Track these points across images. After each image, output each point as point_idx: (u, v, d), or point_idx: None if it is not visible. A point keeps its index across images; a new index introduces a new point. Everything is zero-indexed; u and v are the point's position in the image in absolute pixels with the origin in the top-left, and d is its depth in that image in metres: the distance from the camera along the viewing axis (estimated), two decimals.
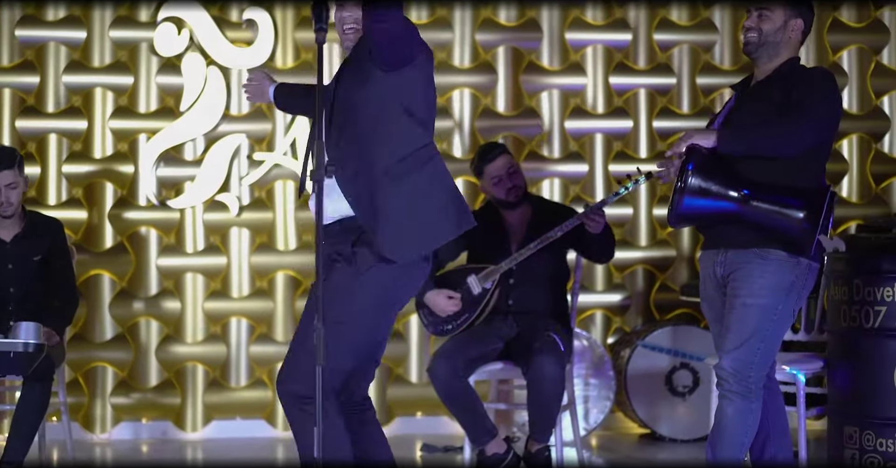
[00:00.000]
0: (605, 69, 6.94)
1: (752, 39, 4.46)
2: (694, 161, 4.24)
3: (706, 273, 4.50)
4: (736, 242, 4.35)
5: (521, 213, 5.88)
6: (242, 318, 6.66)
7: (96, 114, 6.61)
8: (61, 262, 5.61)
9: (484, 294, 5.70)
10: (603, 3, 6.95)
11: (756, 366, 4.31)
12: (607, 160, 6.92)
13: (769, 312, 4.30)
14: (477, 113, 6.84)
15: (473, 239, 5.84)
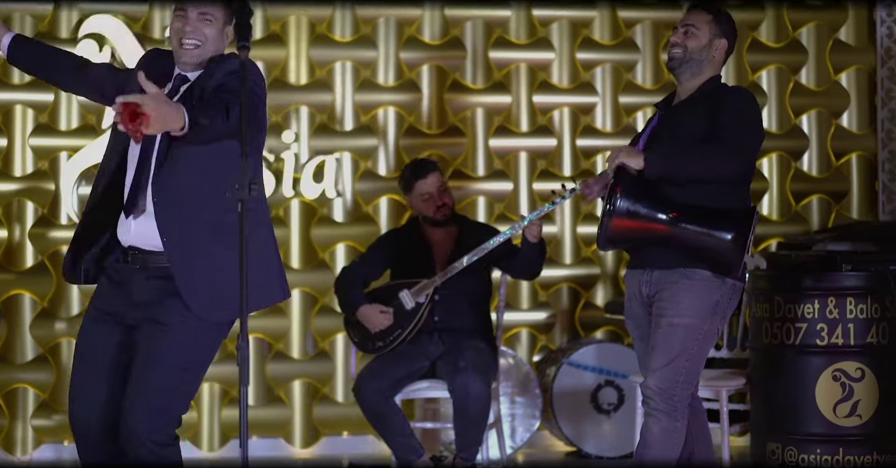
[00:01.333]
0: (528, 87, 6.98)
1: (676, 55, 4.49)
2: (622, 184, 4.26)
3: (632, 291, 4.54)
4: (662, 262, 4.39)
5: (447, 231, 5.90)
6: None
7: (16, 131, 6.52)
8: None
9: (417, 308, 5.70)
10: (526, 22, 6.99)
11: (681, 384, 4.34)
12: (531, 178, 6.95)
13: (694, 332, 4.34)
14: (402, 131, 6.85)
15: (397, 256, 5.86)
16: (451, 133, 6.90)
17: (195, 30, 3.84)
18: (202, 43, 3.85)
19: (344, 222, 6.77)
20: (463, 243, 5.83)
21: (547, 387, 6.50)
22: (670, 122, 4.49)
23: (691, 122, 4.41)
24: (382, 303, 5.72)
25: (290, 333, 6.69)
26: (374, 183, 6.82)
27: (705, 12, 4.53)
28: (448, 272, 5.65)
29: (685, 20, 4.53)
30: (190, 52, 3.85)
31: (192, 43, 3.84)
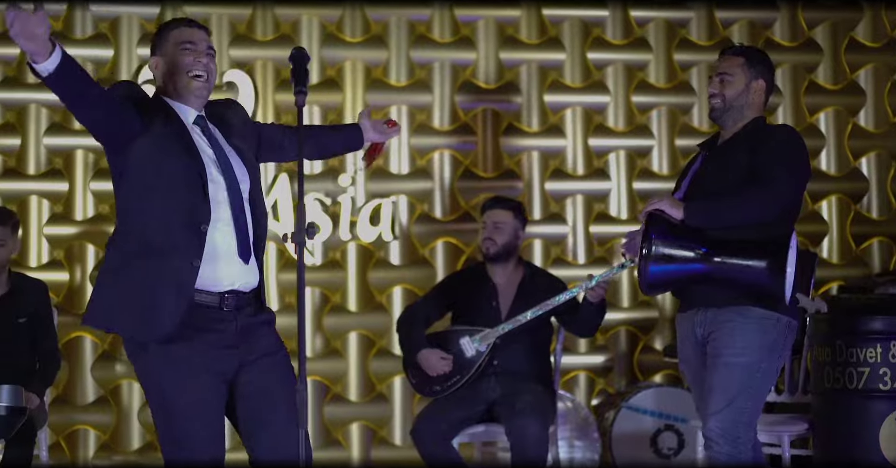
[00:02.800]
0: (584, 130, 6.99)
1: (716, 106, 4.48)
2: (655, 229, 4.26)
3: (684, 334, 4.50)
4: (713, 301, 4.36)
5: (511, 274, 5.88)
6: None
7: (77, 175, 6.61)
8: (44, 324, 5.58)
9: (477, 357, 5.68)
10: (581, 66, 7.01)
11: (744, 425, 4.30)
12: (588, 221, 6.94)
13: (753, 370, 4.30)
14: (457, 174, 6.87)
15: (460, 298, 5.85)
16: (506, 176, 6.92)
17: (208, 64, 3.77)
18: (210, 78, 3.78)
19: (400, 265, 6.79)
20: (526, 289, 5.82)
21: (606, 431, 6.46)
22: (713, 165, 4.47)
23: (734, 165, 4.38)
24: (443, 348, 5.71)
25: (348, 376, 6.70)
26: (431, 226, 6.84)
27: (736, 56, 4.50)
28: (511, 324, 5.63)
29: (718, 69, 4.50)
30: (204, 85, 3.76)
31: (204, 76, 3.75)
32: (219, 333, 3.69)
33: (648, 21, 7.12)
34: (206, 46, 3.78)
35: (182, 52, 3.74)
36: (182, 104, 3.77)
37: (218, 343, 3.69)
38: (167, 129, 3.70)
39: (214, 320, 3.69)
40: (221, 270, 3.69)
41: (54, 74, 3.41)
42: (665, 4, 7.13)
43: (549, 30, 7.02)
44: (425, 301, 5.97)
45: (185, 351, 3.65)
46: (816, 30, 7.20)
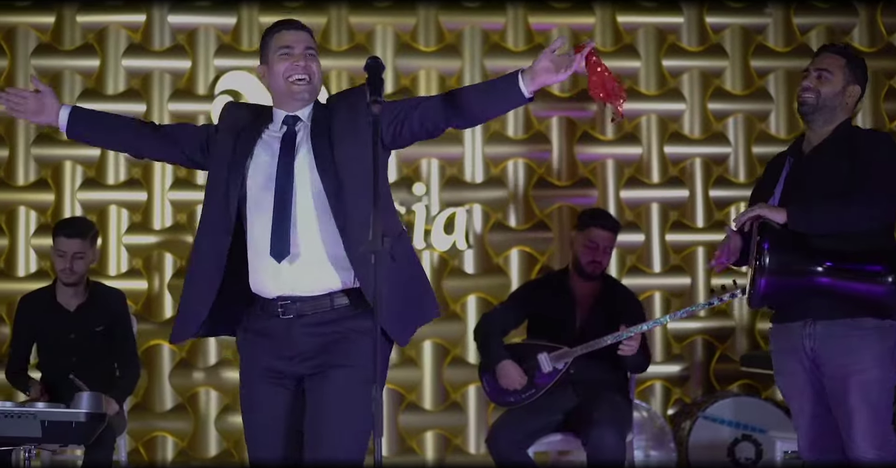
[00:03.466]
0: (659, 138, 6.95)
1: (808, 100, 4.34)
2: (768, 239, 4.12)
3: (786, 346, 4.31)
4: (824, 313, 4.20)
5: (592, 287, 5.86)
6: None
7: (155, 185, 6.69)
8: (123, 332, 5.67)
9: (553, 374, 5.67)
10: (657, 73, 6.97)
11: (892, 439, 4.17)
12: (664, 230, 6.90)
13: (886, 382, 4.18)
14: (531, 183, 6.86)
15: (538, 307, 5.84)
16: (581, 185, 6.89)
17: (306, 66, 3.76)
18: (311, 78, 3.77)
19: (475, 274, 6.79)
20: (605, 303, 5.79)
21: (682, 440, 6.40)
22: (806, 170, 4.33)
23: (830, 170, 4.25)
24: (519, 360, 5.70)
25: (423, 384, 6.71)
26: (505, 234, 6.83)
27: (840, 56, 4.37)
28: (590, 346, 5.60)
29: (818, 64, 4.36)
30: (304, 87, 3.75)
31: (304, 79, 3.75)
32: (270, 338, 3.71)
33: (724, 27, 7.06)
34: (304, 48, 3.78)
35: (280, 57, 3.77)
36: (280, 110, 3.80)
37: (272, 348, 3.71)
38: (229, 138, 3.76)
39: (268, 327, 3.71)
40: (263, 275, 3.69)
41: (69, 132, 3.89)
42: (741, 11, 7.07)
43: (623, 37, 6.99)
44: (503, 309, 5.96)
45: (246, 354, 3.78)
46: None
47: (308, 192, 3.69)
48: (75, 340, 5.57)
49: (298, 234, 3.67)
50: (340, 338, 3.68)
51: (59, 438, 4.65)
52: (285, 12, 6.79)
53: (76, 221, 5.84)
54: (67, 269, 5.54)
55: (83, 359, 5.53)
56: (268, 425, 3.76)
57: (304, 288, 3.67)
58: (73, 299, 5.63)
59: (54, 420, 4.56)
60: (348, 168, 3.68)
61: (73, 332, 5.58)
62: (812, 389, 4.27)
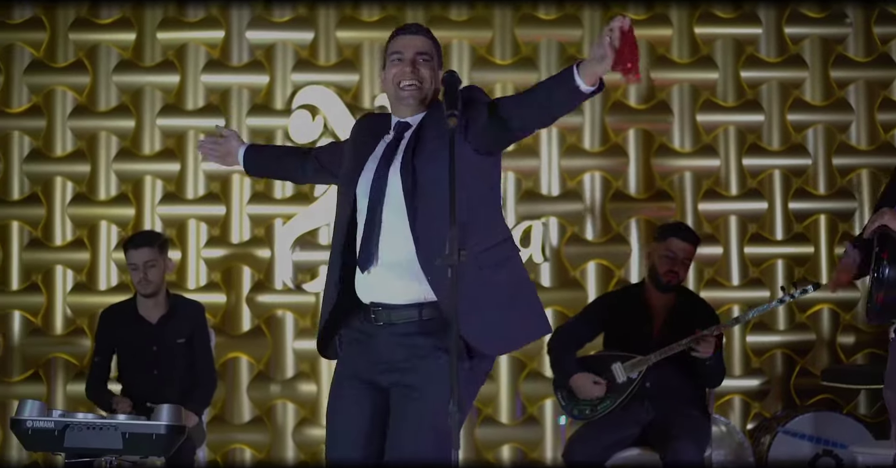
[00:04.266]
0: (737, 150, 6.89)
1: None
2: (889, 249, 3.97)
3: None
4: None
5: (667, 298, 5.82)
6: None
7: (234, 199, 6.75)
8: (202, 345, 5.72)
9: (628, 383, 5.64)
10: (735, 84, 6.92)
11: None
12: (742, 242, 6.84)
13: None
14: (608, 195, 6.83)
15: (613, 319, 5.81)
16: (658, 197, 6.85)
17: (414, 71, 3.75)
18: (421, 84, 3.76)
19: (552, 287, 6.77)
20: (681, 314, 5.75)
21: (762, 456, 6.33)
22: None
23: None
24: (593, 372, 5.67)
25: (499, 398, 6.70)
26: (582, 247, 6.81)
27: None
28: (664, 353, 5.57)
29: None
30: (412, 93, 3.75)
31: (412, 84, 3.75)
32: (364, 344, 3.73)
33: (804, 38, 6.99)
34: (415, 53, 3.77)
35: (392, 62, 3.79)
36: (395, 115, 3.83)
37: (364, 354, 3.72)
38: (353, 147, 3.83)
39: (364, 332, 3.72)
40: (360, 281, 3.70)
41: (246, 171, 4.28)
42: (820, 21, 7.00)
43: (701, 48, 6.95)
44: (577, 322, 5.94)
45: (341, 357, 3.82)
46: None
47: (393, 202, 3.68)
48: (157, 352, 5.63)
49: (386, 243, 3.67)
50: (427, 354, 3.65)
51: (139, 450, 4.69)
52: (363, 27, 6.85)
53: (141, 233, 5.93)
54: (143, 279, 5.61)
55: (164, 371, 5.59)
56: (347, 430, 3.74)
57: (391, 296, 3.67)
58: (154, 311, 5.70)
59: (135, 432, 4.61)
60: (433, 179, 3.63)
61: (154, 344, 5.64)
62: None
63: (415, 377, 3.63)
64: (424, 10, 6.88)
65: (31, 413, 4.54)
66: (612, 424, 5.64)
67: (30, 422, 4.53)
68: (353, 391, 3.74)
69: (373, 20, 6.88)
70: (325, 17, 6.86)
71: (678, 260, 5.76)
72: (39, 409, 4.56)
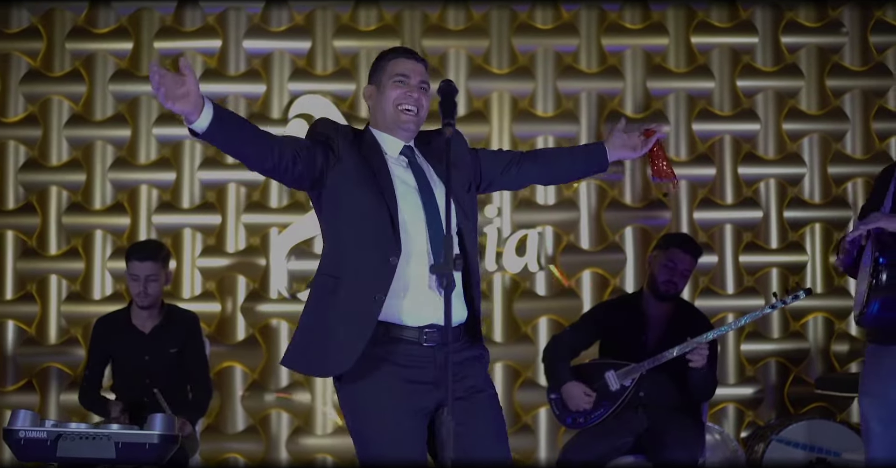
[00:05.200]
0: (733, 159, 6.89)
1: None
2: (886, 254, 3.94)
3: (888, 370, 4.14)
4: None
5: (665, 308, 5.83)
6: None
7: (229, 209, 6.76)
8: (196, 354, 5.72)
9: (622, 391, 5.64)
10: (731, 94, 6.93)
11: None
12: (737, 251, 6.84)
13: None
14: (604, 204, 6.83)
15: (609, 328, 5.82)
16: (654, 206, 6.86)
17: (418, 98, 3.76)
18: (419, 111, 3.76)
19: (547, 296, 6.77)
20: (677, 324, 5.75)
21: (756, 463, 6.33)
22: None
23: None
24: (587, 381, 5.68)
25: None
26: (577, 256, 6.81)
27: None
28: (657, 360, 5.58)
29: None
30: (412, 118, 3.74)
31: (413, 110, 3.74)
32: (418, 369, 3.61)
33: (800, 47, 7.00)
34: (419, 81, 3.77)
35: (394, 84, 3.76)
36: (388, 135, 3.77)
37: (417, 378, 3.60)
38: (361, 162, 3.68)
39: (413, 355, 3.61)
40: (418, 304, 3.61)
41: (208, 131, 3.42)
42: (816, 30, 7.01)
43: (697, 58, 6.96)
44: (573, 330, 5.95)
45: (376, 387, 3.60)
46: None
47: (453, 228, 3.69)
48: (150, 362, 5.63)
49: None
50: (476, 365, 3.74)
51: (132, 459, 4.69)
52: (360, 37, 6.86)
53: (148, 244, 5.92)
54: (142, 293, 5.62)
55: (157, 380, 5.59)
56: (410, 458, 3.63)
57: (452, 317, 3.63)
58: (148, 321, 5.70)
59: (128, 441, 4.61)
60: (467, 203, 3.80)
61: (147, 354, 5.65)
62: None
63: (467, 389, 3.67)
64: (422, 20, 6.89)
65: (23, 423, 4.54)
66: (605, 432, 5.64)
67: (22, 432, 4.54)
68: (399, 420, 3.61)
69: (370, 29, 6.89)
70: (323, 26, 6.88)
71: (678, 270, 5.77)
72: (32, 419, 4.57)
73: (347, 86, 6.82)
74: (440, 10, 6.92)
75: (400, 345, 3.61)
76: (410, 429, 3.61)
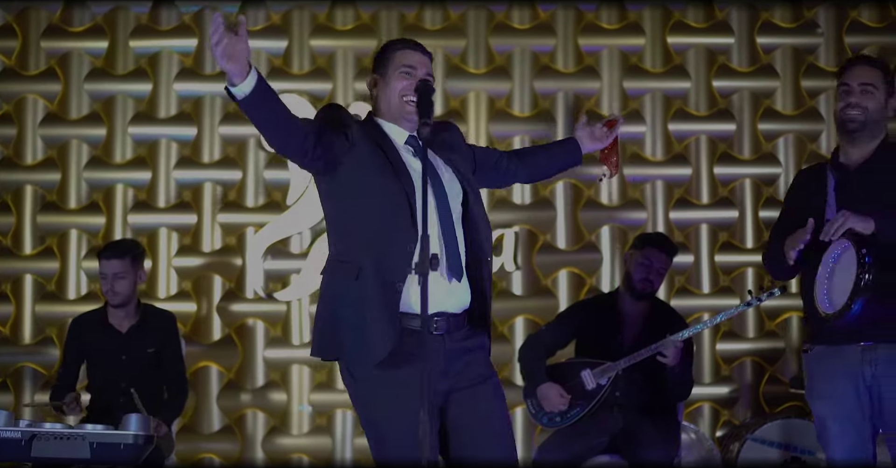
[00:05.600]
0: (709, 159, 6.91)
1: (857, 117, 4.14)
2: (872, 253, 3.87)
3: (837, 369, 4.12)
4: (887, 336, 4.03)
5: (641, 307, 5.85)
6: (348, 410, 6.67)
7: (205, 208, 6.74)
8: (174, 355, 5.71)
9: (598, 390, 5.65)
10: (707, 94, 6.94)
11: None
12: (713, 251, 6.86)
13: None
14: (580, 204, 6.84)
15: (586, 327, 5.83)
16: (630, 206, 6.86)
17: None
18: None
19: (523, 295, 6.78)
20: (653, 323, 5.77)
21: (731, 463, 6.35)
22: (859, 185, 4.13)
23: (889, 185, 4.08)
24: (563, 380, 5.69)
25: None
26: (553, 256, 6.82)
27: (877, 68, 4.19)
28: (633, 358, 5.59)
29: (860, 78, 4.15)
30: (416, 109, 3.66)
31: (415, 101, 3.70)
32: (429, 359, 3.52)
33: (776, 48, 7.02)
34: (425, 72, 3.77)
35: (400, 75, 3.75)
36: (393, 125, 3.78)
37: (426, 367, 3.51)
38: (374, 149, 3.67)
39: (422, 344, 3.46)
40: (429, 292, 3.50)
41: (250, 97, 3.41)
42: (792, 31, 7.03)
43: (673, 58, 6.97)
44: (549, 330, 5.95)
45: (393, 378, 3.57)
46: None
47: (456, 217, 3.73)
48: (126, 362, 5.61)
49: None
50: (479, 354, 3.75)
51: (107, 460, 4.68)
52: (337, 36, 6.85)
53: (117, 243, 5.91)
54: (110, 291, 5.60)
55: (133, 380, 5.56)
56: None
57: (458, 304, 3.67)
58: (124, 321, 5.68)
59: (103, 442, 4.60)
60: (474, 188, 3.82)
61: (124, 354, 5.63)
62: (861, 414, 4.11)
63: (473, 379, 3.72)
64: (399, 19, 6.88)
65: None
66: (582, 432, 5.65)
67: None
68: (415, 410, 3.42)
69: (347, 29, 6.88)
70: (299, 25, 6.86)
71: (654, 269, 5.79)
72: (6, 419, 4.54)
73: (324, 85, 6.81)
74: (417, 10, 6.92)
75: (413, 336, 3.56)
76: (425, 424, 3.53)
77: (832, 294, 4.03)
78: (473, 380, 3.68)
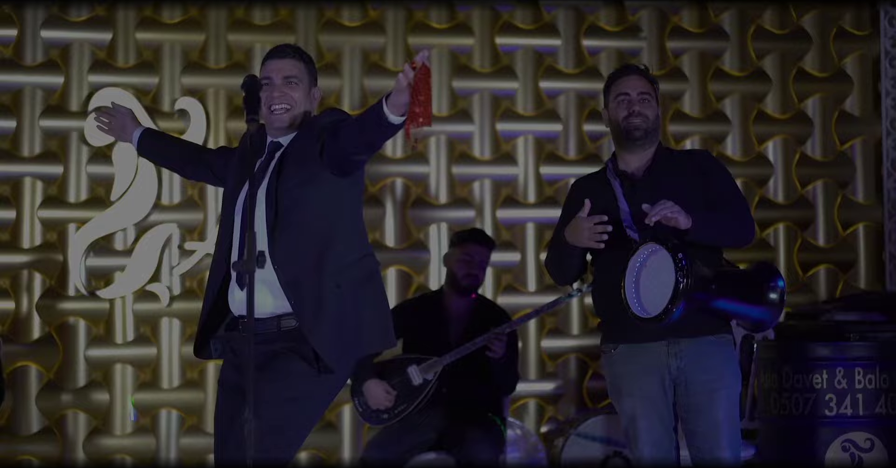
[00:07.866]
0: (535, 159, 7.01)
1: (641, 125, 4.26)
2: (687, 257, 3.94)
3: (644, 367, 4.22)
4: (691, 331, 4.14)
5: (466, 304, 5.90)
6: (172, 410, 6.57)
7: (25, 203, 6.56)
8: None
9: (424, 385, 5.68)
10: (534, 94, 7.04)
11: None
12: (538, 249, 6.95)
13: (739, 396, 4.24)
14: (409, 202, 6.87)
15: (411, 326, 5.85)
16: (458, 205, 6.91)
17: (282, 95, 3.90)
18: (291, 107, 3.92)
19: None
20: (478, 320, 5.83)
21: (555, 458, 6.45)
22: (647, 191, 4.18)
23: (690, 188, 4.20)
24: (390, 377, 5.71)
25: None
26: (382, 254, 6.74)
27: (648, 79, 4.35)
28: (458, 352, 5.64)
29: (638, 88, 4.27)
30: (280, 116, 3.91)
31: (281, 107, 3.90)
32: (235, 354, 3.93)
33: (600, 51, 7.15)
34: (283, 77, 3.92)
35: (264, 87, 3.88)
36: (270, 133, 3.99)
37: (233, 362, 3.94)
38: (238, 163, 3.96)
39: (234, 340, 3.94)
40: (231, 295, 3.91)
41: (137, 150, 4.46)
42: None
43: (501, 59, 7.05)
44: None
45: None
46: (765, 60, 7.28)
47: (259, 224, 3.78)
48: None
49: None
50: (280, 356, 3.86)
51: None
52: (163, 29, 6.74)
53: None
54: None
55: None
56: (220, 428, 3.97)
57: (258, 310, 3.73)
58: None
59: None
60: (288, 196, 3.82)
61: None
62: (667, 409, 4.23)
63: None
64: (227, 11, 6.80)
65: None
66: (408, 429, 5.68)
67: None
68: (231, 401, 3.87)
69: (174, 22, 6.78)
70: (124, 17, 6.72)
71: (475, 263, 5.87)
72: None
73: (150, 79, 6.71)
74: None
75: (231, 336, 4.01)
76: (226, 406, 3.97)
77: (643, 297, 4.09)
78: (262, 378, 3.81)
